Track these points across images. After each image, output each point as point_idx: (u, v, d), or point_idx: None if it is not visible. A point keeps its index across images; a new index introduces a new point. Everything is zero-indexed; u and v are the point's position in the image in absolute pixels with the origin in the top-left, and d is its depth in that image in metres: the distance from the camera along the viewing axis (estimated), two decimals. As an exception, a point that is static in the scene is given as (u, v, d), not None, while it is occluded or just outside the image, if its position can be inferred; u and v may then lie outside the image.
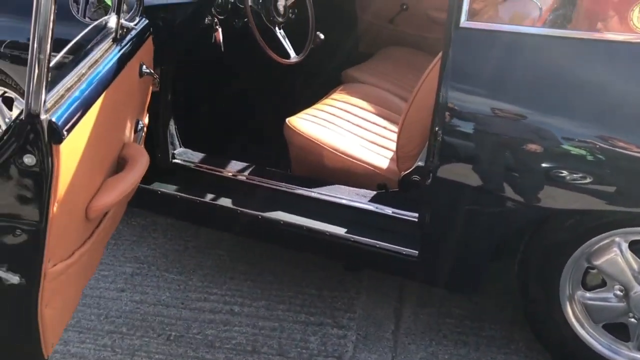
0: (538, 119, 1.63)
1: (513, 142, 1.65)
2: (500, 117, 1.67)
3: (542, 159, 1.63)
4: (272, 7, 2.38)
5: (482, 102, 1.69)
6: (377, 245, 1.92)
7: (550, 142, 1.61)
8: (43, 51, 1.14)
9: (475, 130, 1.70)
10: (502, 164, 1.68)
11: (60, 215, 1.28)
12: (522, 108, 1.64)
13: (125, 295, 2.23)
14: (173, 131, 2.31)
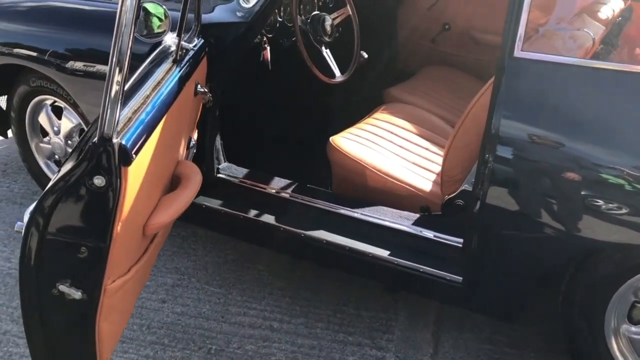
0: (590, 151, 1.63)
1: (563, 173, 1.65)
2: (552, 148, 1.67)
3: (592, 191, 1.62)
4: (319, 27, 2.42)
5: (533, 132, 1.69)
6: (420, 270, 1.93)
7: (600, 174, 1.60)
8: (119, 80, 1.17)
9: (526, 160, 1.70)
10: (551, 195, 1.67)
11: (122, 234, 1.32)
12: (574, 139, 1.64)
13: (167, 307, 2.26)
14: (219, 146, 2.34)
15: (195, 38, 1.83)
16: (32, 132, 2.74)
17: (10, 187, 3.01)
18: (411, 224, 2.06)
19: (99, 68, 2.31)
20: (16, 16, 2.58)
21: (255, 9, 2.08)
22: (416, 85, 2.98)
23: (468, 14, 3.19)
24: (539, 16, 1.78)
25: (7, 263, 2.46)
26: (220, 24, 2.14)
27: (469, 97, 2.95)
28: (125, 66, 1.17)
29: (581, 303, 1.82)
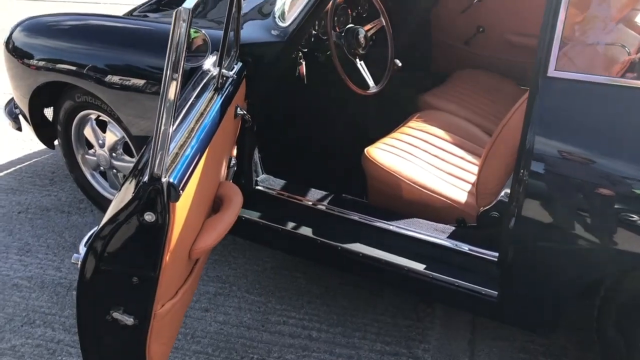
0: (623, 167, 1.65)
1: (597, 188, 1.67)
2: (585, 164, 1.69)
3: (627, 206, 1.64)
4: (353, 40, 2.46)
5: (567, 149, 1.71)
6: (455, 284, 1.97)
7: (634, 189, 1.62)
8: (168, 124, 1.24)
9: (560, 176, 1.72)
10: (585, 210, 1.70)
11: (171, 261, 1.39)
12: (606, 156, 1.66)
13: (210, 315, 2.35)
14: (256, 159, 2.40)
15: (235, 65, 1.89)
16: (78, 144, 2.85)
17: (58, 195, 3.13)
18: (446, 237, 2.10)
19: (135, 82, 2.39)
20: (59, 34, 2.68)
21: (292, 28, 2.12)
22: (450, 91, 3.00)
23: (502, 16, 3.19)
24: (573, 32, 1.80)
25: (58, 272, 2.58)
26: (257, 44, 2.20)
27: (504, 101, 2.97)
28: (172, 114, 1.24)
29: (616, 317, 1.84)
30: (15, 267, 2.62)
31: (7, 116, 3.05)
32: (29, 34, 2.75)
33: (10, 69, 2.83)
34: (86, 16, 2.67)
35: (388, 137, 2.53)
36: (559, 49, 1.71)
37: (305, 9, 2.10)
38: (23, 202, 3.07)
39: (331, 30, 2.37)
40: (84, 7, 6.55)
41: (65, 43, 2.61)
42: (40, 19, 2.79)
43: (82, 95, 2.62)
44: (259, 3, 2.54)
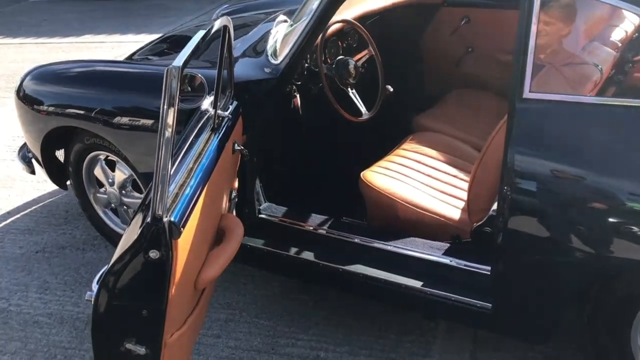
0: (598, 180, 1.74)
1: (575, 199, 1.77)
2: (562, 179, 1.79)
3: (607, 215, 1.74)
4: (344, 71, 2.58)
5: (545, 165, 1.81)
6: (451, 298, 2.06)
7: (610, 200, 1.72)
8: (166, 167, 1.36)
9: (540, 190, 1.82)
10: (567, 220, 1.79)
11: (177, 294, 1.50)
12: (582, 170, 1.76)
13: (221, 342, 2.45)
14: (258, 188, 2.52)
15: (230, 105, 2.02)
16: (89, 184, 2.98)
17: (72, 233, 3.27)
18: (442, 254, 2.19)
19: (140, 122, 2.52)
20: (66, 81, 2.83)
21: (283, 65, 2.25)
22: (443, 111, 3.11)
23: (489, 36, 3.30)
24: (545, 55, 1.90)
25: (76, 308, 2.70)
26: (251, 81, 2.33)
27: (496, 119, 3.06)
28: (169, 159, 1.36)
29: (606, 323, 1.92)
30: (35, 304, 2.74)
31: (21, 160, 3.19)
32: (38, 82, 2.91)
33: (22, 115, 2.98)
34: (91, 63, 2.82)
35: (383, 160, 2.64)
36: (532, 72, 1.82)
37: (295, 46, 2.23)
38: (40, 241, 3.21)
39: (321, 63, 2.50)
40: (90, 47, 6.76)
41: (72, 89, 2.76)
42: (48, 67, 2.95)
43: (91, 138, 2.76)
44: (253, 42, 2.68)
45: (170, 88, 1.34)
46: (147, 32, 7.05)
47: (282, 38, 2.42)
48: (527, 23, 1.81)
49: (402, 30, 3.33)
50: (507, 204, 1.86)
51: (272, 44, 2.45)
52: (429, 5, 3.37)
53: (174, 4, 8.59)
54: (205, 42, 1.62)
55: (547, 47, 1.89)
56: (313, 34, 2.22)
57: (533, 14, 1.81)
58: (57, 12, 8.74)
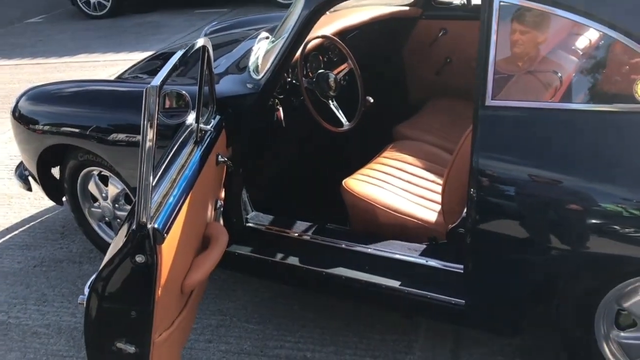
0: (556, 180, 1.86)
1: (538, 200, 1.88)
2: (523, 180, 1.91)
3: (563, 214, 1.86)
4: (324, 84, 2.70)
5: (507, 168, 1.93)
6: (427, 296, 2.18)
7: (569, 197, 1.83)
8: (148, 179, 1.48)
9: (503, 192, 1.94)
10: (530, 220, 1.91)
11: (163, 296, 1.62)
12: (541, 171, 1.88)
13: (213, 346, 2.56)
14: (245, 198, 2.64)
15: (212, 119, 2.14)
16: (83, 199, 3.10)
17: (69, 247, 3.38)
18: (418, 255, 2.31)
19: (130, 139, 2.63)
20: (60, 100, 2.96)
21: (263, 81, 2.38)
22: (423, 120, 3.24)
23: (465, 46, 3.43)
24: (506, 65, 2.03)
25: (73, 318, 2.81)
26: (235, 96, 2.45)
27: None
28: (150, 171, 1.48)
29: (572, 314, 2.04)
30: (33, 316, 2.85)
31: (18, 178, 3.31)
32: (32, 102, 3.03)
33: (18, 134, 3.10)
34: (82, 83, 2.95)
35: (364, 168, 2.77)
36: (492, 81, 1.95)
37: (274, 62, 2.36)
38: (37, 256, 3.32)
39: (302, 77, 2.62)
40: (84, 66, 6.89)
41: (65, 108, 2.89)
42: (42, 88, 3.07)
43: (84, 154, 2.88)
44: (237, 59, 2.81)
45: (149, 106, 1.46)
46: (139, 49, 7.19)
47: (263, 54, 2.54)
48: (487, 35, 1.94)
49: (383, 43, 3.47)
50: (474, 206, 1.98)
51: (254, 60, 2.57)
52: (407, 19, 3.50)
53: (166, 21, 8.74)
54: (191, 61, 1.74)
55: (508, 56, 2.02)
56: (291, 50, 2.34)
57: (492, 26, 1.94)
58: (52, 32, 8.90)
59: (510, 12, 1.96)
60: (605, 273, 1.93)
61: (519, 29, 2.04)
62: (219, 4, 9.11)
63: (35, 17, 10.17)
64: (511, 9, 1.96)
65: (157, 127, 1.48)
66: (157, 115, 1.48)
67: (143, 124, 1.47)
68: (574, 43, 2.06)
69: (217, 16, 8.32)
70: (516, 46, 2.06)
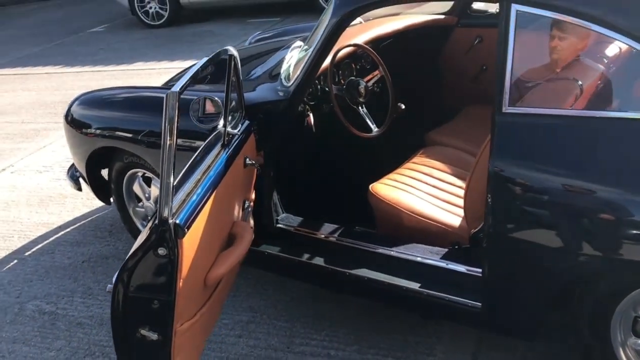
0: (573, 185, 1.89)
1: (554, 205, 1.91)
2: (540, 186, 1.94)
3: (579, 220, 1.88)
4: (354, 91, 2.79)
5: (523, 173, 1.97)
6: (445, 298, 2.23)
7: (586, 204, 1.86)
8: (169, 177, 1.60)
9: (520, 197, 1.98)
10: (547, 225, 1.94)
11: (184, 288, 1.73)
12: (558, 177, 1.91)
13: (242, 341, 2.68)
14: (276, 200, 2.74)
15: (240, 124, 2.26)
16: (128, 199, 3.27)
17: (115, 245, 3.57)
18: (440, 258, 2.36)
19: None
20: (108, 105, 3.15)
21: (292, 88, 2.48)
22: (455, 127, 3.28)
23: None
24: (524, 73, 2.07)
25: (115, 311, 2.97)
26: (266, 102, 2.57)
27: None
28: (172, 170, 1.60)
29: (589, 320, 2.05)
30: (79, 308, 3.03)
31: (69, 179, 3.52)
32: (83, 107, 3.23)
33: (69, 138, 3.31)
34: (128, 89, 3.13)
35: (393, 173, 2.83)
36: (509, 88, 1.99)
37: (303, 71, 2.46)
38: (86, 252, 3.52)
39: (331, 84, 2.72)
40: (140, 74, 7.19)
41: (111, 113, 3.09)
42: (92, 94, 3.28)
43: (129, 157, 3.05)
44: (270, 67, 2.93)
45: (168, 110, 1.58)
46: (193, 57, 7.42)
47: (295, 62, 2.65)
48: (504, 43, 1.99)
49: (418, 51, 3.52)
50: (490, 211, 2.03)
51: (286, 68, 2.68)
52: (443, 27, 3.55)
53: (220, 29, 9.00)
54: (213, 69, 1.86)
55: (526, 64, 2.06)
56: (319, 58, 2.44)
57: (510, 34, 1.99)
58: (112, 41, 9.29)
59: (528, 20, 2.00)
60: (621, 279, 1.94)
61: (539, 37, 2.08)
62: (271, 13, 9.32)
63: (98, 27, 10.63)
64: (528, 18, 1.99)
65: (178, 130, 1.60)
66: (178, 119, 1.60)
67: (163, 127, 1.59)
68: (594, 51, 2.08)
69: (268, 25, 8.52)
70: (535, 54, 2.10)
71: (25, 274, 3.37)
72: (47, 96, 6.76)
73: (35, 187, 4.46)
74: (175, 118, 1.60)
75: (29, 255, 3.56)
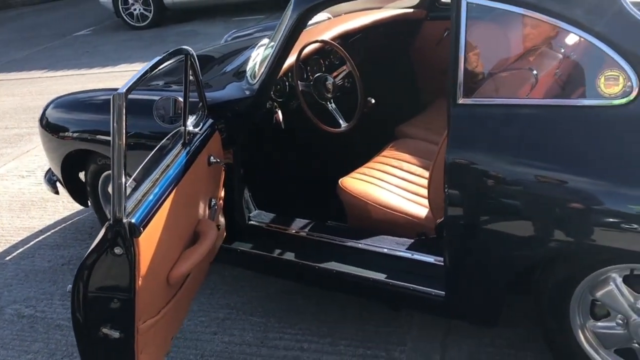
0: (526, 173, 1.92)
1: (508, 193, 1.95)
2: (493, 174, 1.97)
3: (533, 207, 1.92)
4: (322, 87, 2.82)
5: (477, 162, 2.00)
6: (410, 288, 2.26)
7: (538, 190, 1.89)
8: (120, 178, 1.63)
9: (475, 186, 2.01)
10: (501, 213, 1.98)
11: (144, 286, 1.76)
12: (511, 165, 1.94)
13: (217, 337, 2.71)
14: (247, 197, 2.77)
15: (202, 122, 2.29)
16: (105, 200, 3.30)
17: (95, 247, 3.59)
18: (405, 249, 2.40)
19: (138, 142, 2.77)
20: (78, 108, 3.18)
21: (257, 85, 2.51)
22: (426, 119, 3.31)
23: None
24: (477, 64, 2.10)
25: (93, 312, 3.00)
26: (233, 100, 2.60)
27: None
28: (123, 171, 1.63)
29: (549, 305, 2.09)
30: (58, 310, 3.06)
31: (47, 183, 3.55)
32: (56, 111, 3.26)
33: (45, 142, 3.33)
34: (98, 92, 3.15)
35: (362, 167, 2.87)
36: (463, 80, 2.02)
37: (266, 69, 2.49)
38: (66, 255, 3.55)
39: (297, 81, 2.75)
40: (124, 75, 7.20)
41: (81, 116, 3.11)
42: (65, 97, 3.30)
43: (102, 159, 3.08)
44: (237, 65, 2.96)
45: (116, 111, 1.61)
46: (176, 58, 7.45)
47: (260, 60, 2.68)
48: (456, 36, 2.03)
49: (388, 45, 3.56)
50: (448, 200, 2.06)
51: (252, 66, 2.71)
52: (412, 21, 3.58)
53: (204, 29, 9.03)
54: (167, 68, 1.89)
55: (480, 56, 2.09)
56: (281, 57, 2.47)
57: (462, 26, 2.02)
58: (97, 44, 9.31)
59: (479, 12, 2.03)
60: (576, 263, 1.98)
61: (492, 28, 2.11)
62: (255, 11, 9.34)
63: (84, 30, 10.65)
64: (479, 9, 2.02)
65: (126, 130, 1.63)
66: (126, 120, 1.63)
67: (112, 128, 1.62)
68: (549, 40, 2.11)
69: (253, 23, 8.53)
70: (489, 45, 2.13)
71: (5, 278, 3.40)
72: (30, 101, 6.78)
73: (17, 192, 4.48)
74: (123, 119, 1.63)
75: (9, 259, 3.59)
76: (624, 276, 1.92)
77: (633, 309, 1.92)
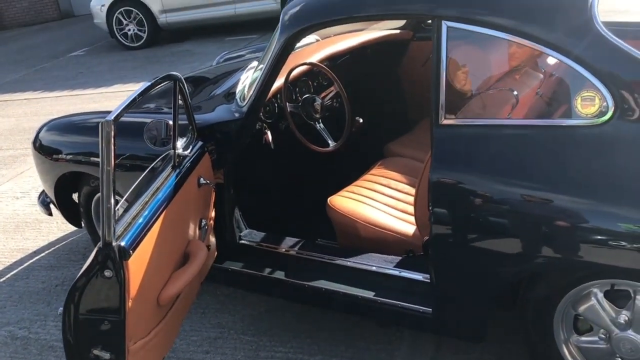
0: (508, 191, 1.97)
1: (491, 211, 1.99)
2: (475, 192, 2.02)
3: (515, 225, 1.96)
4: (310, 107, 2.87)
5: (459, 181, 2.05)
6: (398, 305, 2.30)
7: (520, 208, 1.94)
8: (109, 202, 1.68)
9: (457, 204, 2.06)
10: (484, 231, 2.02)
11: (134, 308, 1.80)
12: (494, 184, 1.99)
13: (209, 357, 2.73)
14: (238, 217, 2.81)
15: (192, 145, 2.34)
16: (98, 222, 3.33)
17: (89, 267, 3.62)
18: (393, 267, 2.44)
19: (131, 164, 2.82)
20: (69, 130, 3.23)
21: (245, 108, 2.56)
22: (414, 138, 3.37)
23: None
24: (460, 86, 2.16)
25: (86, 332, 3.03)
26: (222, 122, 2.65)
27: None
28: (112, 195, 1.68)
29: (533, 320, 2.13)
30: (51, 332, 3.09)
31: (40, 205, 3.59)
32: (50, 133, 3.30)
33: (38, 164, 3.37)
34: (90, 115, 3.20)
35: (351, 186, 2.91)
36: (445, 101, 2.08)
37: (254, 91, 2.54)
38: (60, 276, 3.57)
39: (286, 102, 2.80)
40: (118, 96, 7.26)
41: (71, 138, 3.16)
42: (59, 120, 3.35)
43: (95, 181, 3.12)
44: (227, 88, 3.01)
45: (105, 138, 1.66)
46: (170, 78, 7.51)
47: (249, 83, 2.73)
48: (437, 58, 2.08)
49: (376, 65, 3.62)
50: (433, 218, 2.11)
51: (241, 89, 2.77)
52: (399, 42, 3.65)
53: (198, 48, 9.10)
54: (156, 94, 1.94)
55: (461, 78, 2.15)
56: (269, 79, 2.52)
57: (443, 49, 2.08)
58: (92, 64, 9.37)
59: (459, 35, 2.09)
60: (558, 279, 2.02)
61: (472, 51, 2.17)
62: (249, 30, 9.43)
63: (78, 51, 10.72)
64: (459, 33, 2.08)
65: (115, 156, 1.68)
66: (115, 146, 1.68)
67: (101, 153, 1.67)
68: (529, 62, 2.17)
69: (246, 42, 8.62)
70: (470, 67, 2.19)
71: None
72: (25, 122, 6.82)
73: (11, 214, 4.51)
74: (112, 145, 1.68)
75: (3, 281, 3.61)
76: (605, 291, 1.97)
77: (615, 323, 1.96)
